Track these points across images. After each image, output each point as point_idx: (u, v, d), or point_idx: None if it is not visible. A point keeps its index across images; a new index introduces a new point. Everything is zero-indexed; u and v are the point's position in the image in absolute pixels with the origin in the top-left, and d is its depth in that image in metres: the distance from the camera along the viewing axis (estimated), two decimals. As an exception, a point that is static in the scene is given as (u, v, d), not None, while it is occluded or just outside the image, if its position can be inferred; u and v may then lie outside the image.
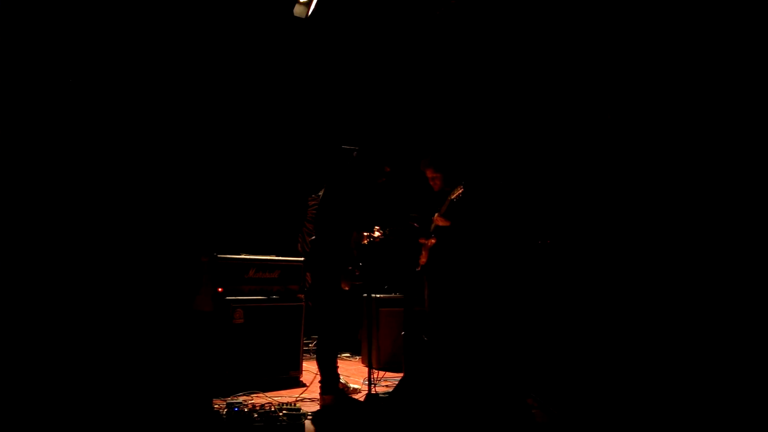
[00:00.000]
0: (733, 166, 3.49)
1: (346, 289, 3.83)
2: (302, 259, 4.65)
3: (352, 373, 5.10)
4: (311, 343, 5.62)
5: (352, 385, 4.29)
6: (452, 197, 4.33)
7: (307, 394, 4.17)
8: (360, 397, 4.12)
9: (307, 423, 3.42)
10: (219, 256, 4.31)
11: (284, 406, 3.42)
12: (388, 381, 4.69)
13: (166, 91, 4.40)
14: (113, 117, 3.93)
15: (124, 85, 4.04)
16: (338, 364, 3.92)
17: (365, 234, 4.01)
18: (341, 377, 4.03)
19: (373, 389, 3.75)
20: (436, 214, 4.47)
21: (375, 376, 3.95)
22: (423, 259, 4.66)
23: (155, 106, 4.25)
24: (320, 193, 4.03)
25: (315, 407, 3.80)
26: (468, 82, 5.68)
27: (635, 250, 3.93)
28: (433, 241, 4.50)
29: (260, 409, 3.32)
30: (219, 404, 3.59)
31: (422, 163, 4.59)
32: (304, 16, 4.97)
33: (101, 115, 3.86)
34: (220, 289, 4.25)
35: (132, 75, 4.11)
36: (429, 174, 4.58)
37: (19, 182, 3.38)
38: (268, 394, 4.13)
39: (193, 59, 4.93)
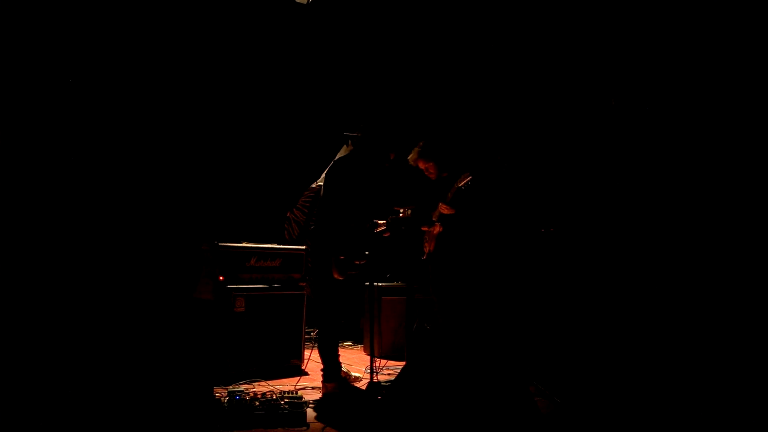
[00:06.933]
0: (745, 156, 3.44)
1: (340, 279, 3.76)
2: (304, 247, 4.63)
3: (354, 361, 5.09)
4: (313, 331, 5.60)
5: (353, 374, 4.28)
6: (459, 185, 4.21)
7: (309, 383, 4.16)
8: (362, 385, 4.11)
9: (309, 411, 3.41)
10: (220, 244, 4.28)
11: (286, 395, 3.40)
12: (390, 369, 4.69)
13: (164, 80, 4.36)
14: (113, 107, 3.89)
15: (123, 76, 4.00)
16: (340, 353, 3.90)
17: (377, 222, 3.97)
18: (343, 366, 4.01)
19: (375, 377, 3.74)
20: (441, 202, 4.37)
21: (377, 364, 3.94)
22: (430, 247, 4.58)
23: (153, 96, 4.21)
24: (314, 184, 3.94)
25: (317, 395, 3.79)
26: (466, 66, 5.60)
27: (640, 238, 3.90)
28: (438, 228, 4.42)
29: (262, 397, 3.31)
30: (220, 393, 3.57)
31: (409, 158, 4.30)
32: (304, 1, 4.90)
33: (101, 105, 3.83)
34: (221, 278, 4.23)
35: (130, 65, 4.06)
36: (421, 166, 4.40)
37: (22, 178, 3.36)
38: (270, 382, 4.12)
39: (191, 47, 4.87)
